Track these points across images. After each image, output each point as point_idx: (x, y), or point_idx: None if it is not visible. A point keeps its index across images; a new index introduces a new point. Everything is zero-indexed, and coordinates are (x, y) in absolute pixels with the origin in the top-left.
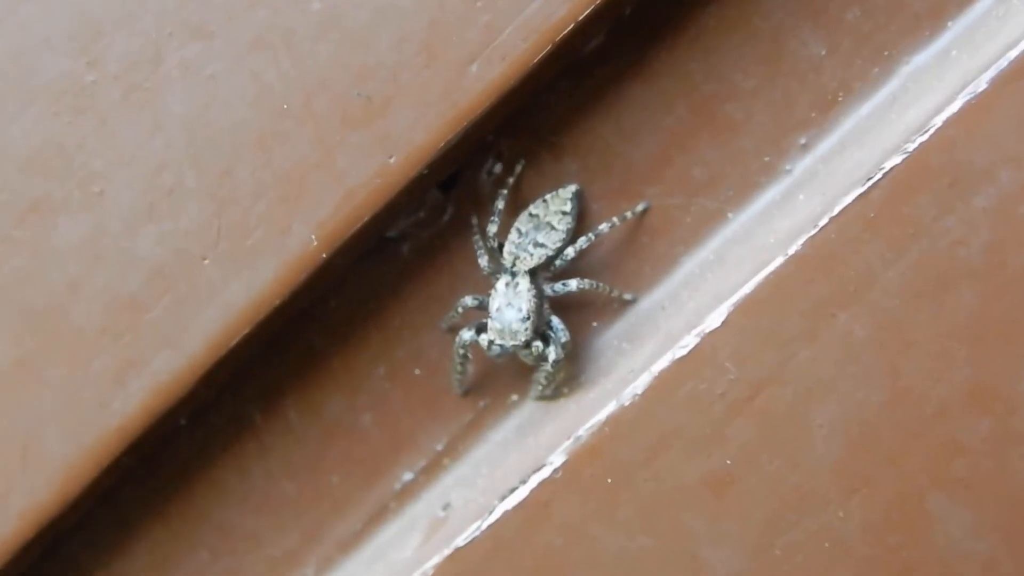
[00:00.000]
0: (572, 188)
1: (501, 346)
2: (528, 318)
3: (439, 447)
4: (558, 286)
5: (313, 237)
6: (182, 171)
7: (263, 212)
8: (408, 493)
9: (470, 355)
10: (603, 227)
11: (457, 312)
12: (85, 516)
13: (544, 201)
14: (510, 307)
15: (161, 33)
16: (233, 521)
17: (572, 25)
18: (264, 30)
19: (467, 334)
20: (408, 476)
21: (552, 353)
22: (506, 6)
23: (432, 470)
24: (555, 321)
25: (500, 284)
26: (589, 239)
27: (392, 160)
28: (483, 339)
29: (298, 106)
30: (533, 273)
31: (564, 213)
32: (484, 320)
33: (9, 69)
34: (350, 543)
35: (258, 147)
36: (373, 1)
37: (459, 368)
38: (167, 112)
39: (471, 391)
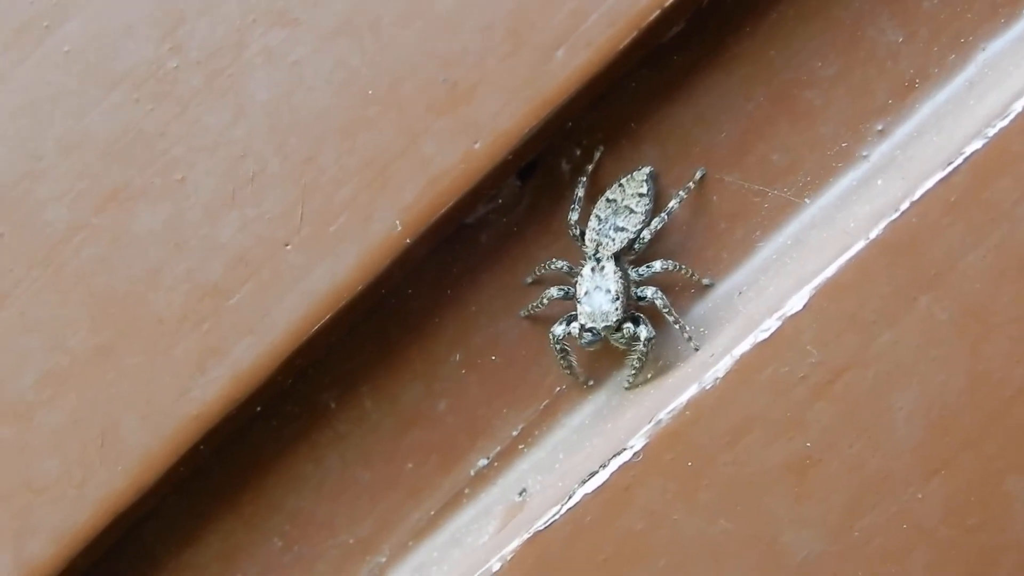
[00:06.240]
0: (646, 170)
1: (592, 330)
2: (618, 298)
3: (515, 433)
4: (642, 269)
5: (398, 223)
6: (265, 157)
7: (347, 198)
8: (483, 479)
9: (568, 347)
10: (673, 204)
11: (542, 303)
12: (159, 504)
13: (620, 185)
14: (598, 290)
15: (245, 19)
16: (307, 509)
17: (656, 12)
18: (349, 16)
19: (558, 328)
20: (483, 462)
21: (644, 331)
22: None
23: (508, 456)
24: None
25: (586, 270)
26: (663, 219)
27: (477, 146)
28: (574, 327)
29: (383, 92)
30: (616, 258)
31: (641, 195)
32: (572, 313)
33: (90, 55)
34: (425, 529)
35: (342, 133)
36: None
37: (563, 363)
38: (250, 98)
39: (550, 376)
